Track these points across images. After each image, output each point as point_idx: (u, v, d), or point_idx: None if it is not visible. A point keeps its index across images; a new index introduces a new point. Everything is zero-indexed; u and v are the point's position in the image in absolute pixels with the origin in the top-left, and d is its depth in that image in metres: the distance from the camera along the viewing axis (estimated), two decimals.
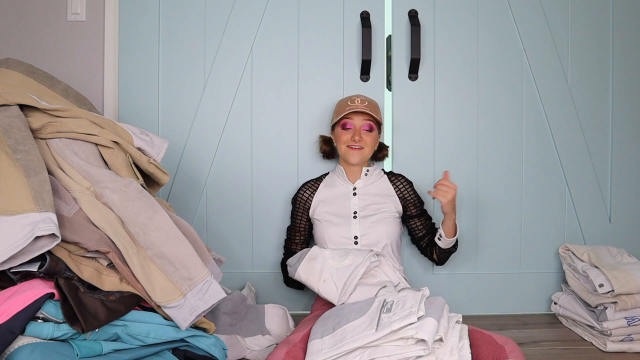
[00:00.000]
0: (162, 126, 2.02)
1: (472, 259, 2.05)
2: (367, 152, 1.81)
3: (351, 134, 1.78)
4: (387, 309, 1.32)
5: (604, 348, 1.69)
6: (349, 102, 1.81)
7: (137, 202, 1.26)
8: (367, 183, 1.86)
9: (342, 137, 1.80)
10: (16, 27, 1.97)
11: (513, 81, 2.05)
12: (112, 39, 1.99)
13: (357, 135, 1.77)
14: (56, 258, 1.13)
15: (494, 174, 2.05)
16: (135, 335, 1.17)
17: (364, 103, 1.79)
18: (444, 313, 1.32)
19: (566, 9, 2.05)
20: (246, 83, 2.03)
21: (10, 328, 1.01)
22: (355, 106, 1.78)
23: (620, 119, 2.07)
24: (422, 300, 1.32)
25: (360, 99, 1.81)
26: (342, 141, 1.80)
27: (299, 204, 1.90)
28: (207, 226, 2.03)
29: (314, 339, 1.33)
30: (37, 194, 1.11)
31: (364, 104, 1.79)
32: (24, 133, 1.23)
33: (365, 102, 1.79)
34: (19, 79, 1.41)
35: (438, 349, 1.24)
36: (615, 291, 1.68)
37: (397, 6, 2.03)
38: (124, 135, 1.37)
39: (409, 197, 1.86)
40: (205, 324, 1.31)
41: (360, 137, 1.77)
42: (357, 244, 1.77)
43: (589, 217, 2.07)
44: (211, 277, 1.25)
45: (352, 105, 1.78)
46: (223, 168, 2.03)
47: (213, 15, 2.02)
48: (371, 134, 1.80)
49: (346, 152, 1.80)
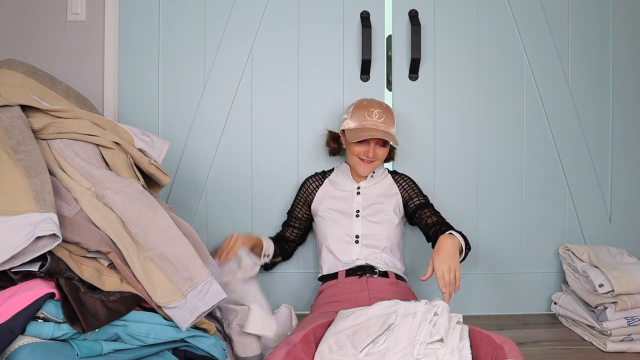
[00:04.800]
0: (162, 126, 2.02)
1: (472, 259, 2.05)
2: (377, 164, 1.81)
3: (364, 148, 1.76)
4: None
5: (604, 348, 1.69)
6: (366, 114, 1.76)
7: (138, 203, 1.26)
8: (372, 183, 1.86)
9: (355, 149, 1.77)
10: (16, 27, 1.97)
11: (513, 81, 2.05)
12: (112, 39, 1.99)
13: (371, 152, 1.75)
14: (57, 258, 1.13)
15: (494, 173, 2.05)
16: (135, 335, 1.17)
17: (381, 118, 1.75)
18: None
19: (566, 9, 2.06)
20: (246, 83, 2.03)
21: (11, 328, 1.01)
22: (372, 123, 1.74)
23: (620, 118, 2.07)
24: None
25: (377, 112, 1.76)
26: (354, 152, 1.78)
27: (302, 192, 1.91)
28: (207, 226, 2.03)
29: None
30: (38, 194, 1.11)
31: (381, 118, 1.75)
32: (25, 134, 1.23)
33: (382, 117, 1.75)
34: (20, 79, 1.41)
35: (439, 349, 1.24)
36: (615, 291, 1.69)
37: (397, 6, 2.03)
38: (125, 136, 1.38)
39: (411, 190, 1.85)
40: (206, 325, 1.31)
41: (374, 153, 1.76)
42: (358, 243, 1.77)
43: (589, 217, 2.07)
44: (212, 278, 1.25)
45: (369, 122, 1.74)
46: (223, 168, 2.03)
47: (213, 15, 2.02)
48: (384, 148, 1.79)
49: (357, 163, 1.79)
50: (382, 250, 1.77)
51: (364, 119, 1.76)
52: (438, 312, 1.32)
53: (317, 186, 1.89)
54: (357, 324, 1.38)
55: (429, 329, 1.27)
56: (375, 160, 1.79)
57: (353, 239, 1.78)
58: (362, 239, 1.77)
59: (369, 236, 1.77)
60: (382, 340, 1.28)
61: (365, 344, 1.27)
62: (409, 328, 1.28)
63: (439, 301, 1.36)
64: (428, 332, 1.26)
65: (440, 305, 1.34)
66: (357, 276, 1.72)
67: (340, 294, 1.69)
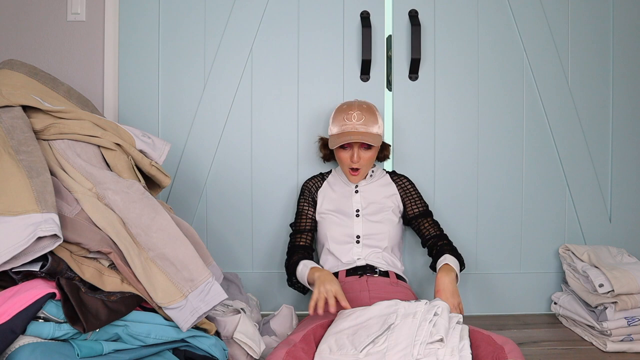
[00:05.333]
0: (161, 126, 2.02)
1: (472, 259, 2.05)
2: (364, 171, 1.80)
3: (349, 153, 1.76)
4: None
5: (604, 348, 1.69)
6: (345, 118, 1.75)
7: (139, 204, 1.26)
8: (370, 182, 1.86)
9: (341, 155, 1.78)
10: (16, 28, 1.97)
11: (513, 81, 2.05)
12: (112, 39, 1.99)
13: (355, 156, 1.74)
14: (58, 258, 1.13)
15: (494, 173, 2.06)
16: (135, 335, 1.17)
17: (361, 120, 1.73)
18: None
19: (566, 9, 2.06)
20: (246, 83, 2.03)
21: (12, 327, 1.02)
22: (351, 125, 1.73)
23: (620, 118, 2.08)
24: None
25: (356, 113, 1.74)
26: (341, 160, 1.79)
27: (306, 192, 1.89)
28: (207, 227, 2.03)
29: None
30: (40, 194, 1.11)
31: (361, 120, 1.73)
32: (26, 134, 1.23)
33: (362, 119, 1.74)
34: (22, 80, 1.42)
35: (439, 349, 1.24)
36: (615, 291, 1.69)
37: (397, 6, 2.03)
38: (126, 137, 1.38)
39: (410, 194, 1.85)
40: (206, 325, 1.31)
41: (358, 157, 1.75)
42: (359, 243, 1.77)
43: (589, 217, 2.07)
44: (212, 279, 1.25)
45: (349, 125, 1.73)
46: (223, 168, 2.03)
47: (213, 15, 2.02)
48: (369, 151, 1.77)
49: (346, 172, 1.81)
50: (384, 250, 1.77)
51: (343, 122, 1.76)
52: (438, 312, 1.32)
53: (318, 187, 1.89)
54: (357, 324, 1.38)
55: (429, 329, 1.27)
56: (361, 168, 1.78)
57: (354, 240, 1.78)
58: (363, 238, 1.78)
59: (370, 236, 1.78)
60: (382, 340, 1.28)
61: (365, 343, 1.28)
62: (409, 328, 1.28)
63: (439, 301, 1.36)
64: (428, 332, 1.26)
65: (440, 306, 1.34)
66: (357, 276, 1.72)
67: None
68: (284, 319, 1.69)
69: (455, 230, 2.03)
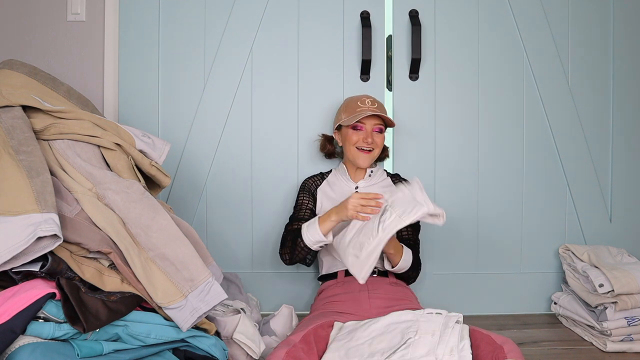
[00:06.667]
0: (161, 126, 2.02)
1: (472, 259, 2.06)
2: (376, 153, 1.80)
3: (362, 135, 1.76)
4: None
5: (604, 348, 1.69)
6: (359, 102, 1.79)
7: (139, 204, 1.26)
8: (370, 183, 1.86)
9: (352, 137, 1.78)
10: (16, 28, 1.97)
11: (514, 81, 2.05)
12: (112, 39, 1.99)
13: (369, 137, 1.76)
14: (58, 258, 1.13)
15: (494, 173, 2.06)
16: (135, 335, 1.17)
17: (375, 104, 1.78)
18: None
19: (567, 9, 2.06)
20: (246, 83, 2.03)
21: (12, 327, 1.02)
22: (366, 108, 1.76)
23: (621, 118, 2.08)
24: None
25: (370, 99, 1.79)
26: (351, 142, 1.78)
27: (306, 188, 1.87)
28: (207, 227, 2.03)
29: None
30: (40, 194, 1.11)
31: (375, 105, 1.78)
32: (26, 134, 1.23)
33: (375, 104, 1.78)
34: (22, 80, 1.42)
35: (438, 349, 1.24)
36: (615, 291, 1.69)
37: (397, 6, 2.03)
38: (126, 137, 1.38)
39: None
40: (206, 325, 1.31)
41: (372, 139, 1.76)
42: None
43: (589, 217, 2.07)
44: (212, 279, 1.25)
45: (364, 107, 1.76)
46: (223, 168, 2.03)
47: (213, 15, 2.02)
48: (381, 135, 1.80)
49: (356, 155, 1.79)
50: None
51: (357, 106, 1.78)
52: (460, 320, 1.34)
53: (317, 185, 1.89)
54: (373, 337, 1.37)
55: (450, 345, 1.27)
56: (375, 149, 1.78)
57: None
58: None
59: None
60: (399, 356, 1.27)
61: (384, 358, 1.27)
62: (428, 345, 1.28)
63: (455, 314, 1.37)
64: (449, 350, 1.25)
65: (457, 317, 1.35)
66: None
67: (340, 293, 1.69)
68: (284, 319, 1.69)
69: (455, 230, 2.03)
